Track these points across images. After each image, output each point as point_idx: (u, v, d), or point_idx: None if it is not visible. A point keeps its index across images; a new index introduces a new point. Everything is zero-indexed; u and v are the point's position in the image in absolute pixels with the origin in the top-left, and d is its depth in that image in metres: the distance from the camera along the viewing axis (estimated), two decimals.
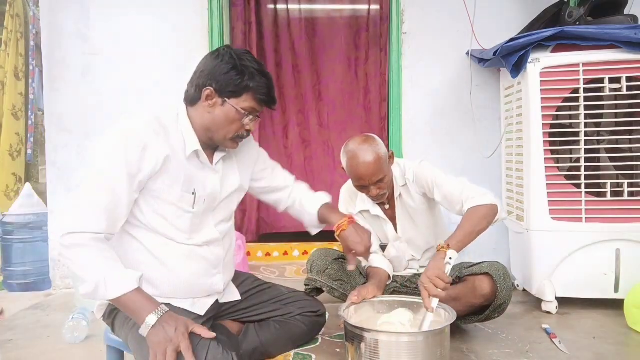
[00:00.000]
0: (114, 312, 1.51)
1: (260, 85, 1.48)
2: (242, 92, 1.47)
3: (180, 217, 1.49)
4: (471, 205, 1.77)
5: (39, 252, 3.16)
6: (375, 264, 2.07)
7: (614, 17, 2.43)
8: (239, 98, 1.48)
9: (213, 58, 1.49)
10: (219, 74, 1.46)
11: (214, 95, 1.48)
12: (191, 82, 1.53)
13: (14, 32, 3.99)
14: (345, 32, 3.69)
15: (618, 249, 2.29)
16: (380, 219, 2.09)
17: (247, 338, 1.72)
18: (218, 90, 1.47)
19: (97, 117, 2.94)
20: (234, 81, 1.46)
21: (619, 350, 1.91)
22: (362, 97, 3.70)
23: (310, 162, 3.76)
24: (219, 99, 1.48)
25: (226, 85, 1.46)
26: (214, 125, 1.50)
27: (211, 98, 1.48)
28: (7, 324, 2.37)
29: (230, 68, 1.46)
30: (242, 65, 1.46)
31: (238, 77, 1.45)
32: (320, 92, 3.74)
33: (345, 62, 3.71)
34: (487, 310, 1.90)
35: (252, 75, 1.47)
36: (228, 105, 1.48)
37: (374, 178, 1.87)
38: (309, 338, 1.88)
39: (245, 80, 1.46)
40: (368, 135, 1.96)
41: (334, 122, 3.75)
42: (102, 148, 1.41)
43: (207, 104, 1.49)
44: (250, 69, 1.47)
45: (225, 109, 1.48)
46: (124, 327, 1.46)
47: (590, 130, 2.35)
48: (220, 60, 1.47)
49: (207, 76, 1.48)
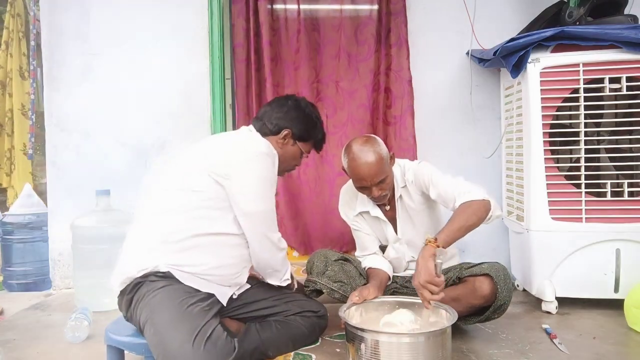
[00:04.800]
0: (136, 288, 1.57)
1: (322, 136, 1.97)
2: (309, 139, 1.92)
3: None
4: (463, 201, 1.76)
5: (39, 252, 3.16)
6: (375, 265, 2.07)
7: (614, 17, 2.43)
8: (306, 142, 1.91)
9: (294, 107, 1.88)
10: (299, 122, 1.86)
11: (289, 136, 1.85)
12: (268, 117, 1.86)
13: (15, 31, 3.99)
14: (345, 32, 3.68)
15: (618, 249, 2.29)
16: (380, 220, 2.09)
17: (248, 337, 1.72)
18: (295, 134, 1.86)
19: (97, 117, 2.94)
20: (309, 131, 1.89)
21: (619, 350, 1.91)
22: (362, 97, 3.69)
23: (307, 167, 3.75)
24: (292, 140, 1.87)
25: (302, 132, 1.88)
26: (282, 158, 1.83)
27: (287, 138, 1.85)
28: (7, 324, 2.37)
29: (313, 119, 1.91)
30: (317, 118, 1.92)
31: (313, 129, 1.91)
32: (318, 92, 3.73)
33: (346, 61, 3.70)
34: (487, 311, 1.90)
35: (320, 129, 1.95)
36: (297, 146, 1.89)
37: (376, 179, 1.87)
38: (310, 340, 1.89)
39: (316, 132, 1.92)
40: (369, 135, 1.96)
41: (335, 122, 3.74)
42: (263, 171, 1.72)
43: (282, 141, 1.85)
44: (319, 123, 1.93)
45: (294, 149, 1.89)
46: (143, 299, 1.54)
47: (590, 130, 2.35)
48: (302, 112, 1.88)
49: (289, 120, 1.85)
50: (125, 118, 2.94)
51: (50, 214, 2.99)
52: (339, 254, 2.14)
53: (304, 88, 3.66)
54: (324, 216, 3.21)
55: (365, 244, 2.16)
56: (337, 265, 2.07)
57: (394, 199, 2.04)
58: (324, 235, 3.21)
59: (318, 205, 3.27)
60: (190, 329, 1.43)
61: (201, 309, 1.52)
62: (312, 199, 3.31)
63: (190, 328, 1.43)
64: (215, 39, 2.95)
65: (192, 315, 1.48)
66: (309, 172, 3.62)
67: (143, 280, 1.56)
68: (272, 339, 1.74)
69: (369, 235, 2.14)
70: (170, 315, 1.47)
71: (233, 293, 1.73)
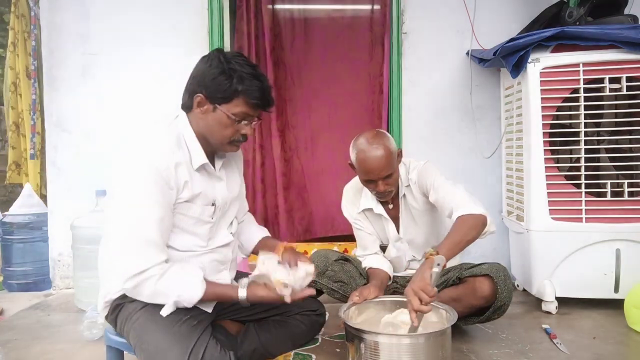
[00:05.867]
0: (117, 310, 1.51)
1: (251, 88, 1.43)
2: (232, 97, 1.43)
3: (201, 227, 1.52)
4: (461, 214, 1.75)
5: (39, 252, 3.16)
6: (376, 265, 2.07)
7: (614, 17, 2.43)
8: (230, 103, 1.44)
9: (202, 63, 1.47)
10: (208, 79, 1.43)
11: (204, 101, 1.45)
12: (185, 88, 1.51)
13: (20, 32, 3.98)
14: (345, 32, 3.68)
15: (618, 249, 2.29)
16: (382, 218, 2.09)
17: (247, 338, 1.72)
18: (208, 96, 1.44)
19: (97, 117, 2.95)
20: (222, 86, 1.42)
21: (619, 350, 1.92)
22: (362, 97, 3.69)
23: (309, 166, 3.75)
24: (210, 105, 1.45)
25: (215, 90, 1.43)
26: (209, 132, 1.48)
27: (202, 105, 1.46)
28: (7, 324, 2.37)
29: (219, 73, 1.42)
30: (230, 69, 1.42)
31: (227, 81, 1.41)
32: (320, 93, 3.73)
33: (345, 62, 3.70)
34: (488, 312, 1.90)
35: (242, 79, 1.42)
36: (219, 111, 1.44)
37: (383, 173, 1.86)
38: (309, 338, 1.88)
39: (234, 85, 1.42)
40: (379, 130, 1.95)
41: (333, 124, 3.74)
42: (132, 184, 1.39)
43: (200, 111, 1.47)
44: (240, 72, 1.42)
45: (217, 115, 1.45)
46: (126, 323, 1.47)
47: (590, 130, 2.35)
48: (209, 65, 1.44)
49: (197, 82, 1.46)
50: (125, 118, 2.93)
51: (50, 214, 2.99)
52: (339, 254, 2.14)
53: (305, 89, 3.68)
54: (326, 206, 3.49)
55: (366, 243, 2.15)
56: (338, 265, 2.07)
57: (398, 198, 2.04)
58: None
59: (318, 194, 3.56)
60: (181, 353, 1.32)
61: (189, 326, 1.41)
62: (316, 190, 3.59)
63: (181, 352, 1.33)
64: (215, 39, 2.95)
65: (181, 335, 1.38)
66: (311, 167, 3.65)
67: (122, 301, 1.48)
68: (272, 339, 1.73)
69: (370, 235, 2.14)
70: (157, 339, 1.38)
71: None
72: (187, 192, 1.45)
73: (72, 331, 2.24)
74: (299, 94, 3.70)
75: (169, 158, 1.41)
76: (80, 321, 2.15)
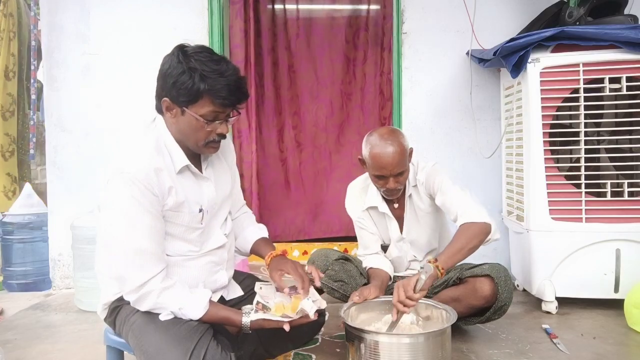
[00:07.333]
0: (115, 312, 1.52)
1: (215, 87, 1.33)
2: (197, 98, 1.34)
3: (191, 233, 1.50)
4: (465, 221, 1.76)
5: (39, 252, 3.17)
6: (377, 265, 2.07)
7: (614, 17, 2.44)
8: (196, 104, 1.35)
9: (163, 63, 1.39)
10: (169, 81, 1.35)
11: (172, 105, 1.38)
12: (155, 91, 1.44)
13: (5, 31, 3.95)
14: (345, 32, 3.68)
15: (618, 249, 2.29)
16: (386, 217, 2.08)
17: (247, 338, 1.71)
18: (172, 100, 1.37)
19: (97, 117, 2.94)
20: (185, 87, 1.33)
21: (619, 350, 1.92)
22: (361, 97, 3.69)
23: (306, 166, 3.74)
24: (178, 108, 1.37)
25: (178, 94, 1.35)
26: (183, 136, 1.42)
27: (171, 109, 1.39)
28: (7, 324, 2.37)
29: (179, 73, 1.34)
30: (190, 69, 1.33)
31: (189, 81, 1.32)
32: (318, 93, 3.73)
33: (344, 62, 3.70)
34: (488, 312, 1.90)
35: (203, 77, 1.32)
36: (188, 113, 1.37)
37: (396, 169, 1.86)
38: (309, 338, 1.87)
39: (196, 84, 1.32)
40: (393, 127, 1.95)
41: (332, 124, 3.74)
42: (116, 196, 1.35)
43: (170, 115, 1.40)
44: (200, 70, 1.32)
45: (187, 118, 1.37)
46: (125, 325, 1.46)
47: (590, 130, 2.35)
48: (169, 65, 1.37)
49: (161, 86, 1.39)
50: (125, 118, 2.93)
51: (50, 214, 2.99)
52: (339, 253, 2.14)
53: (303, 89, 3.68)
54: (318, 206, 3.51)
55: (368, 243, 2.15)
56: (338, 265, 2.07)
57: (403, 197, 2.04)
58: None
59: (314, 196, 3.55)
60: (182, 354, 1.31)
61: (189, 326, 1.39)
62: (313, 191, 3.62)
63: (182, 352, 1.31)
64: (215, 39, 2.95)
65: (182, 336, 1.36)
66: (309, 167, 3.65)
67: (120, 304, 1.48)
68: (271, 339, 1.73)
69: (372, 235, 2.13)
70: (158, 340, 1.36)
71: (221, 296, 1.65)
72: (172, 198, 1.40)
73: (72, 331, 2.24)
74: (298, 94, 3.70)
75: (147, 165, 1.36)
76: (80, 321, 2.14)
